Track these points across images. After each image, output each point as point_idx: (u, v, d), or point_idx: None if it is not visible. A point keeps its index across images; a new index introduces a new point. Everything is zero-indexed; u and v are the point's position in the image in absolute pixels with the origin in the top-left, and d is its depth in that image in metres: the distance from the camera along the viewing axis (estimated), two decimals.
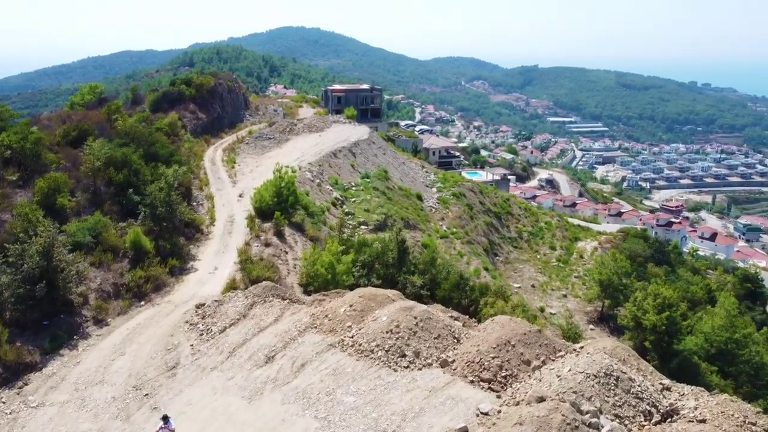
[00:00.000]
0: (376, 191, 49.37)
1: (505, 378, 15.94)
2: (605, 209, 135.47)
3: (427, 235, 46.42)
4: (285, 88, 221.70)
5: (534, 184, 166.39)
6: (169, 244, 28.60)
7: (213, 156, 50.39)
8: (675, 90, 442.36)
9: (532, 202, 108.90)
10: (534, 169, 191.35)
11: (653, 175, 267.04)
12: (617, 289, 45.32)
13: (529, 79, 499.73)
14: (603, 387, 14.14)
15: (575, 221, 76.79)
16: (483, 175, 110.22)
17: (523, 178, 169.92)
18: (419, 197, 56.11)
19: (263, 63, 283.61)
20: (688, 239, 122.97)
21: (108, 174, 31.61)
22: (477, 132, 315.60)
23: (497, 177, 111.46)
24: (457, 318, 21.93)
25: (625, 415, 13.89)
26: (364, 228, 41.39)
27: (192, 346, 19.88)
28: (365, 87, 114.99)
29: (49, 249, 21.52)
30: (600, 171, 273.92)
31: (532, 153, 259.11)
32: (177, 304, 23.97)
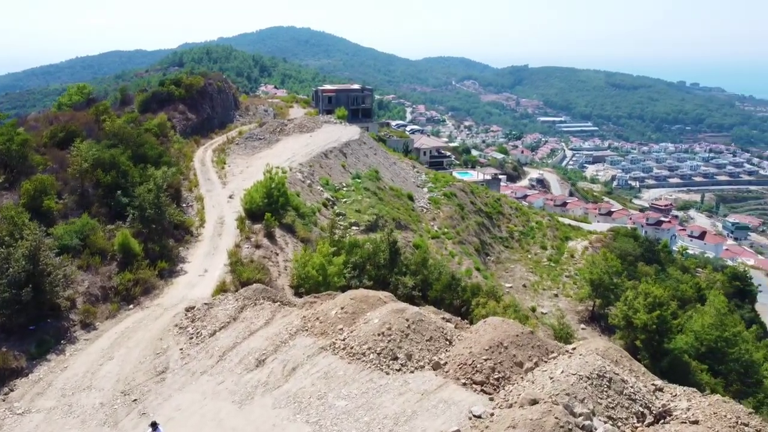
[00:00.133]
0: (367, 192, 49.21)
1: (498, 380, 15.86)
2: (595, 208, 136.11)
3: (419, 236, 46.33)
4: (275, 88, 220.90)
5: (525, 183, 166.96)
6: (159, 246, 28.29)
7: (203, 157, 50.03)
8: (664, 90, 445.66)
9: (523, 201, 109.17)
10: (525, 169, 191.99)
11: (643, 174, 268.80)
12: (608, 289, 45.46)
13: (520, 79, 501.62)
14: (596, 389, 14.09)
15: (566, 221, 77.02)
16: (474, 175, 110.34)
17: (514, 177, 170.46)
18: (410, 197, 56.02)
19: (253, 63, 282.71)
20: (677, 238, 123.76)
21: (96, 176, 31.24)
22: (468, 132, 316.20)
23: (488, 177, 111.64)
24: (449, 320, 21.83)
25: (618, 417, 13.85)
26: (355, 229, 41.23)
27: (181, 350, 19.65)
28: (356, 87, 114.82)
29: (36, 252, 21.20)
30: (590, 170, 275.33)
31: (522, 153, 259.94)
32: (166, 307, 23.70)
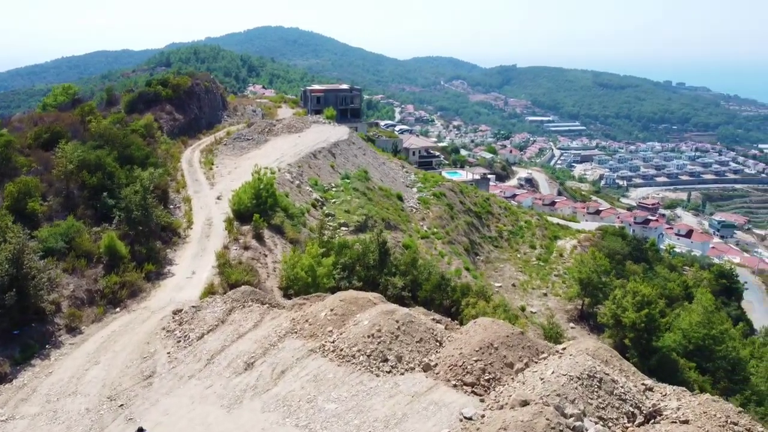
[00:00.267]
0: (356, 192, 49.07)
1: (489, 381, 15.79)
2: (584, 207, 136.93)
3: (408, 236, 46.27)
4: (263, 88, 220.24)
5: (513, 183, 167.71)
6: (145, 248, 27.98)
7: (190, 158, 49.64)
8: (650, 89, 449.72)
9: (511, 201, 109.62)
10: (513, 168, 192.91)
11: (630, 173, 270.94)
12: (597, 288, 45.68)
13: (508, 79, 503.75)
14: (586, 389, 14.05)
15: (554, 220, 77.40)
16: (463, 175, 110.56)
17: (503, 177, 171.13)
18: (400, 197, 55.96)
19: (241, 63, 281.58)
20: (664, 236, 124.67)
21: (81, 177, 30.84)
22: (456, 131, 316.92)
23: (477, 176, 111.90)
24: (439, 321, 21.74)
25: (609, 417, 13.82)
26: (344, 229, 41.08)
27: (169, 353, 19.41)
28: (344, 87, 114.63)
29: (19, 256, 20.85)
30: (578, 169, 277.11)
31: (511, 152, 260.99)
32: (153, 310, 23.43)
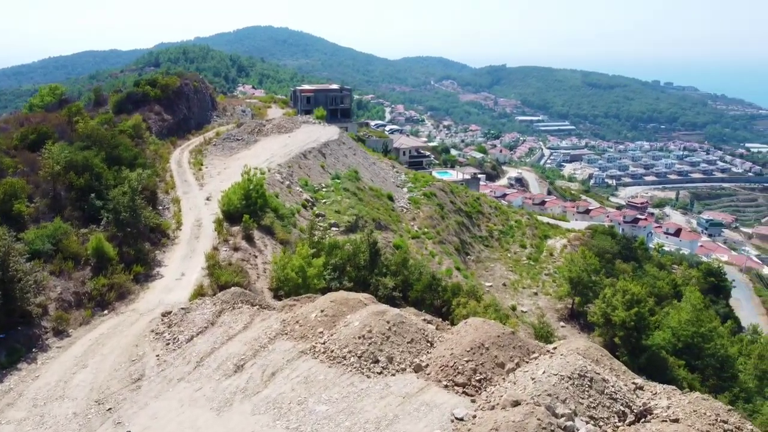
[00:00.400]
0: (346, 192, 48.97)
1: (480, 382, 15.76)
2: (573, 207, 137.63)
3: (399, 236, 46.22)
4: (253, 88, 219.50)
5: (504, 182, 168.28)
6: (134, 250, 27.73)
7: (179, 158, 49.32)
8: (639, 89, 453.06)
9: (502, 200, 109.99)
10: (503, 168, 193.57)
11: (619, 173, 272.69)
12: (587, 286, 45.88)
13: (498, 79, 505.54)
14: (577, 389, 14.06)
15: (545, 219, 77.70)
16: (453, 175, 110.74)
17: (493, 176, 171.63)
18: (390, 197, 55.91)
19: (231, 63, 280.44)
20: (653, 235, 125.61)
21: (68, 178, 30.50)
22: (447, 131, 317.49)
23: (467, 176, 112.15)
24: (431, 321, 21.71)
25: (600, 417, 13.83)
26: (335, 230, 40.97)
27: (158, 356, 19.22)
28: (335, 87, 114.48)
29: (5, 258, 20.56)
30: (567, 169, 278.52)
31: (501, 152, 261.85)
32: (142, 312, 23.21)
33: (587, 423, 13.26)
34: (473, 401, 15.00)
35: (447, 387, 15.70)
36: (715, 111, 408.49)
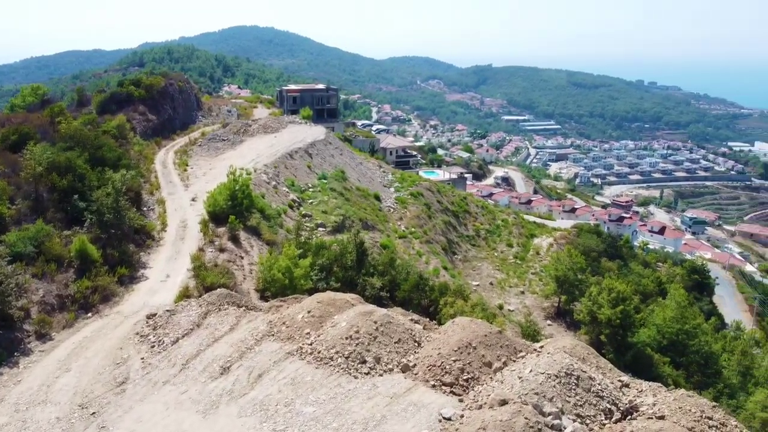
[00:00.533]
0: (333, 192, 48.85)
1: (467, 381, 15.76)
2: (559, 206, 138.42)
3: (386, 236, 46.20)
4: (239, 88, 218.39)
5: (490, 182, 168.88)
6: (118, 251, 27.40)
7: (164, 159, 48.88)
8: (623, 88, 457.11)
9: (488, 200, 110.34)
10: (490, 167, 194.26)
11: (604, 171, 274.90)
12: (573, 285, 46.14)
13: (484, 79, 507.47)
14: (564, 387, 14.11)
15: (531, 218, 78.11)
16: (440, 174, 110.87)
17: (480, 176, 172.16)
18: (377, 197, 55.87)
19: (216, 63, 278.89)
20: (638, 233, 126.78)
21: (51, 180, 30.06)
22: (433, 131, 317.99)
23: (454, 176, 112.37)
24: (418, 321, 21.68)
25: (587, 415, 13.89)
26: (321, 230, 40.84)
27: (142, 359, 19.01)
28: (321, 87, 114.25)
29: None
30: (553, 168, 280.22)
31: (487, 151, 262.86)
32: (126, 314, 22.95)
33: (574, 421, 13.30)
34: (461, 401, 14.99)
35: (434, 387, 15.68)
36: (698, 110, 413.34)
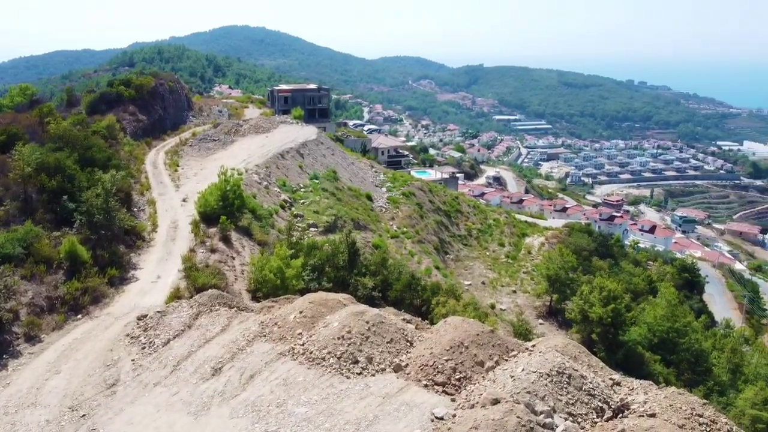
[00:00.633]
0: (325, 192, 48.77)
1: (459, 380, 15.77)
2: (551, 205, 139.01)
3: (378, 236, 46.17)
4: (230, 88, 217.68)
5: (482, 181, 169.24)
6: (108, 253, 27.22)
7: (155, 159, 48.61)
8: (613, 88, 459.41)
9: (480, 199, 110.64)
10: (481, 167, 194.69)
11: (595, 171, 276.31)
12: (564, 284, 46.28)
13: (475, 78, 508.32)
14: (556, 386, 14.14)
15: (522, 217, 78.34)
16: (432, 174, 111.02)
17: (471, 175, 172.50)
18: (369, 197, 55.83)
19: (207, 63, 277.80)
20: (629, 232, 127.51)
21: (40, 180, 29.83)
22: (425, 131, 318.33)
23: (446, 175, 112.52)
24: (410, 321, 21.69)
25: (578, 413, 13.93)
26: (313, 230, 40.76)
27: (133, 360, 18.89)
28: (312, 87, 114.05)
29: None
30: (544, 167, 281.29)
31: (479, 151, 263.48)
32: (117, 316, 22.79)
33: (566, 419, 13.34)
34: (453, 400, 15.00)
35: (427, 386, 15.68)
36: (688, 110, 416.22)
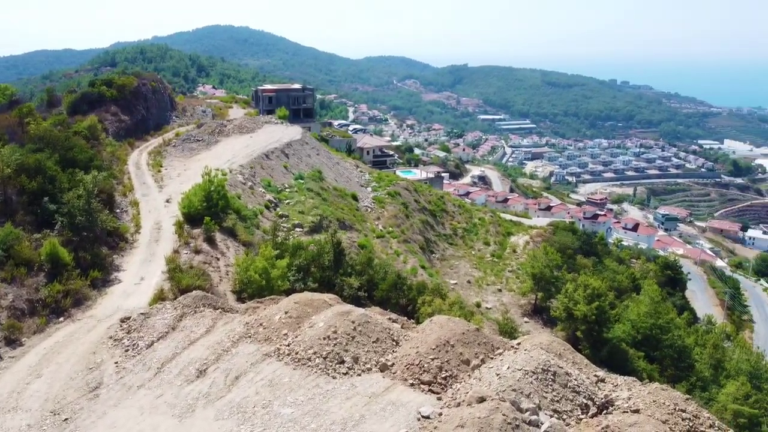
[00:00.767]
0: (310, 192, 48.62)
1: (446, 379, 15.80)
2: (535, 204, 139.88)
3: (364, 236, 46.13)
4: (214, 88, 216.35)
5: (467, 180, 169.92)
6: (90, 254, 26.89)
7: (138, 160, 48.14)
8: (597, 88, 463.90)
9: (465, 198, 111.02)
10: (466, 166, 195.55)
11: (579, 170, 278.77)
12: (549, 282, 46.60)
13: (459, 78, 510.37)
14: (541, 383, 14.23)
15: (507, 216, 78.69)
16: (417, 174, 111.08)
17: (456, 175, 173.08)
18: (354, 197, 55.76)
19: (190, 63, 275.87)
20: (612, 230, 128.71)
21: (20, 182, 29.40)
22: (410, 130, 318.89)
23: (431, 175, 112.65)
24: (396, 320, 21.68)
25: (563, 410, 14.03)
26: (299, 230, 40.61)
27: (116, 363, 18.67)
28: (297, 86, 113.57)
29: None
30: (529, 166, 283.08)
31: (464, 150, 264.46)
32: (100, 318, 22.53)
33: (551, 416, 13.42)
34: (439, 399, 15.02)
35: (413, 385, 15.68)
36: (669, 109, 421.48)
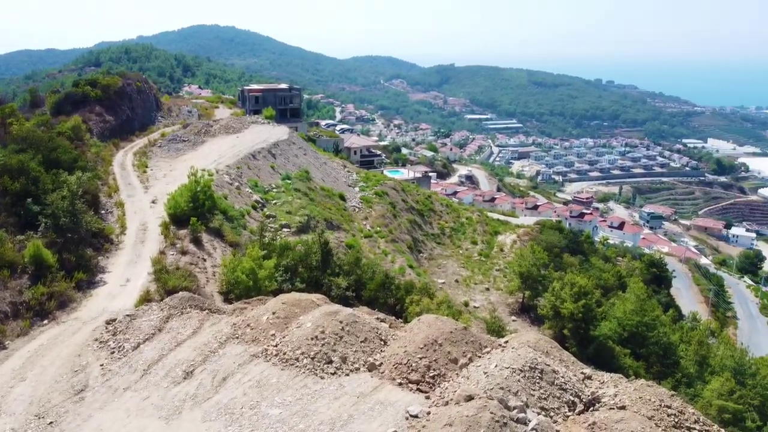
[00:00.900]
0: (297, 192, 48.49)
1: (434, 378, 15.83)
2: (522, 203, 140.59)
3: (351, 235, 46.09)
4: (200, 88, 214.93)
5: (454, 180, 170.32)
6: (75, 256, 26.59)
7: (123, 161, 47.68)
8: (582, 87, 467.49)
9: (453, 198, 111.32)
10: (454, 166, 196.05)
11: (565, 169, 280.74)
12: (536, 281, 46.87)
13: (446, 78, 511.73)
14: (528, 381, 14.30)
15: (495, 215, 79.06)
16: (404, 173, 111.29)
17: (444, 174, 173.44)
18: (342, 197, 55.70)
19: (176, 62, 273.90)
20: (599, 229, 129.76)
21: (2, 183, 29.02)
22: (397, 130, 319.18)
23: (418, 174, 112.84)
24: (384, 319, 21.69)
25: (551, 407, 14.11)
26: (286, 231, 40.48)
27: (102, 365, 18.49)
28: (284, 86, 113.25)
29: None
30: (516, 166, 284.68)
31: (451, 150, 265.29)
32: (85, 321, 22.28)
33: (539, 414, 13.49)
34: (427, 398, 15.05)
35: (401, 385, 15.70)
36: (654, 108, 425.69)
